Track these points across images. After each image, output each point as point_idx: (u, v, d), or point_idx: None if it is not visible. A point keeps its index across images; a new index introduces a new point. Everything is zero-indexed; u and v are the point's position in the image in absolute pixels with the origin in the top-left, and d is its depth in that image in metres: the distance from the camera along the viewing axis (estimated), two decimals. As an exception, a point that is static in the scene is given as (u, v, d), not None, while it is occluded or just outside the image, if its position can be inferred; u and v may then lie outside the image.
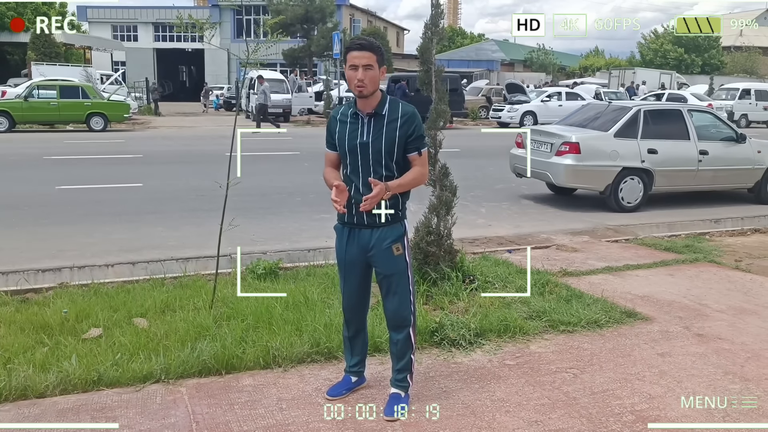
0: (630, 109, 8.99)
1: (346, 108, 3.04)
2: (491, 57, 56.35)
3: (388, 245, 3.00)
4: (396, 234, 3.02)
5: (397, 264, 3.03)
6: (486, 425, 3.02)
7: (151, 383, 3.37)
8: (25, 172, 11.42)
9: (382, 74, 2.93)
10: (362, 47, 2.87)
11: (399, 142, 2.94)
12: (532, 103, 25.80)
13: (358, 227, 3.03)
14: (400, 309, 3.07)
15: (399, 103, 2.99)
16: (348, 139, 2.97)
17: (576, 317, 4.29)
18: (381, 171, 2.95)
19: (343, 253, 3.09)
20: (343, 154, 3.01)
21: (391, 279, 3.04)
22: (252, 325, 3.97)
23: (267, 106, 21.86)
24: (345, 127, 3.00)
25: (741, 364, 3.74)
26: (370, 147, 2.93)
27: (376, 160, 2.94)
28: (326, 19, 38.57)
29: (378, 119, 2.94)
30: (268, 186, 9.96)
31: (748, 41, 55.42)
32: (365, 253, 3.03)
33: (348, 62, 2.88)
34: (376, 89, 2.92)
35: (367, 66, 2.85)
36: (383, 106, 2.95)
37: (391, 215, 3.00)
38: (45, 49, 32.41)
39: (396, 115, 2.95)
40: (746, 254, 6.45)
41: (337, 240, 3.12)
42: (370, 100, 2.93)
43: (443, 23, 4.87)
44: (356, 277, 3.12)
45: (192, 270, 5.38)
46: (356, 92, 2.89)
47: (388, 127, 2.93)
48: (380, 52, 2.91)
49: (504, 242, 6.75)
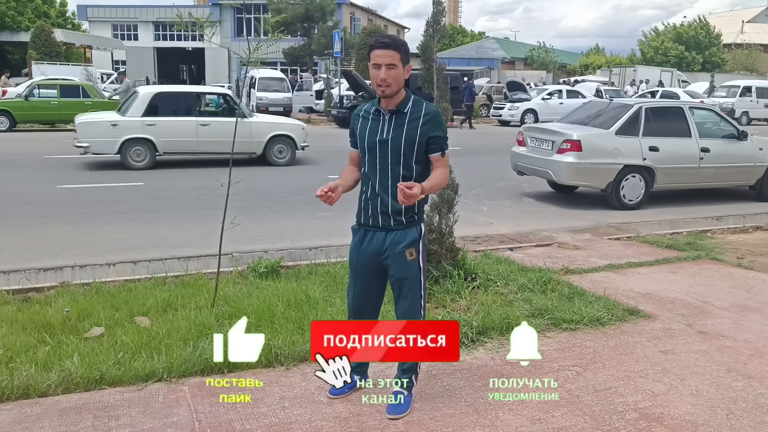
0: (631, 107, 8.98)
1: (370, 105, 3.01)
2: (492, 55, 56.26)
3: (402, 249, 2.96)
4: (411, 238, 2.98)
5: (410, 268, 2.99)
6: (489, 423, 3.01)
7: (153, 382, 3.36)
8: (26, 171, 11.42)
9: (407, 72, 2.88)
10: (386, 46, 2.82)
11: (420, 141, 2.90)
12: (533, 101, 25.79)
13: (374, 229, 3.00)
14: (410, 312, 3.04)
15: (423, 103, 2.95)
16: (368, 136, 2.94)
17: (578, 315, 4.29)
18: (399, 170, 2.91)
19: (356, 254, 3.07)
20: (362, 152, 2.99)
21: (403, 282, 3.02)
22: (254, 323, 3.96)
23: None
24: (366, 123, 2.97)
25: (744, 362, 3.74)
26: (390, 144, 2.90)
27: (395, 158, 2.91)
28: (326, 17, 38.56)
29: (399, 117, 2.91)
30: (270, 185, 9.97)
31: (748, 38, 55.40)
32: (379, 256, 3.01)
33: (371, 61, 2.84)
34: (399, 88, 2.87)
35: (390, 65, 2.81)
36: (406, 104, 2.92)
37: (406, 218, 2.97)
38: (45, 48, 32.42)
39: (419, 114, 2.91)
40: (748, 251, 6.44)
41: (353, 240, 3.10)
42: (394, 99, 2.89)
43: (444, 21, 4.87)
44: (367, 280, 3.08)
45: (194, 269, 5.38)
46: (379, 92, 2.86)
47: (410, 125, 2.89)
48: (404, 50, 2.85)
49: (505, 240, 6.75)
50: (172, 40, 50.52)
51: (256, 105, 25.48)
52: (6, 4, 39.17)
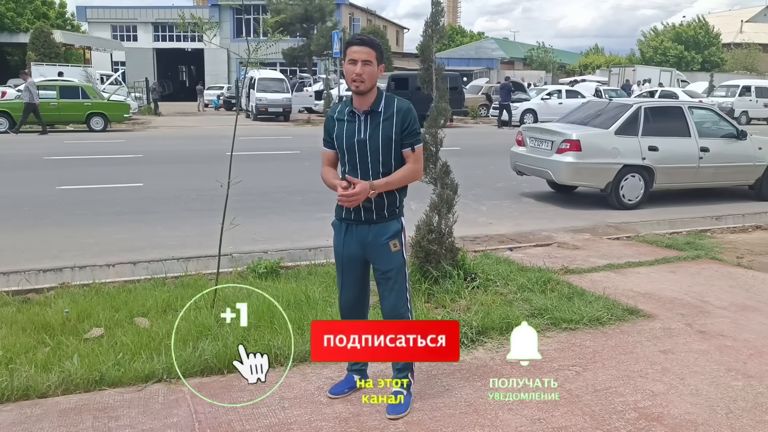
0: (630, 107, 8.98)
1: (343, 106, 3.05)
2: (491, 55, 56.29)
3: (386, 241, 3.01)
4: (393, 230, 3.03)
5: (395, 260, 3.04)
6: (489, 423, 3.01)
7: (153, 383, 3.36)
8: (25, 172, 11.42)
9: (380, 72, 2.93)
10: (363, 42, 2.89)
11: (396, 139, 2.95)
12: (533, 101, 25.78)
13: (356, 223, 3.03)
14: (397, 306, 3.07)
15: (394, 99, 3.00)
16: (346, 138, 2.97)
17: (578, 315, 4.29)
18: (379, 168, 2.96)
19: (341, 249, 3.10)
20: (341, 153, 3.03)
21: (389, 275, 3.04)
22: (254, 324, 3.96)
23: (34, 105, 18.73)
24: (342, 125, 3.00)
25: (744, 361, 3.74)
26: (368, 144, 2.94)
27: (374, 157, 2.95)
28: (326, 18, 38.59)
29: (374, 116, 2.95)
30: (269, 185, 9.96)
31: (748, 38, 55.42)
32: (363, 249, 3.04)
33: (347, 56, 2.89)
34: (373, 86, 2.93)
35: (366, 61, 2.86)
36: (379, 104, 2.96)
37: (388, 212, 3.01)
38: (45, 49, 32.41)
39: (391, 112, 2.95)
40: (748, 251, 6.44)
41: (335, 236, 3.13)
42: (367, 98, 2.93)
43: (443, 21, 4.87)
44: (354, 274, 3.12)
45: (193, 269, 5.38)
46: (353, 87, 2.90)
47: (384, 124, 2.94)
48: (380, 50, 2.92)
49: (505, 240, 6.75)
50: (171, 41, 50.52)
51: (256, 106, 25.53)
52: (5, 5, 39.16)
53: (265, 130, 20.81)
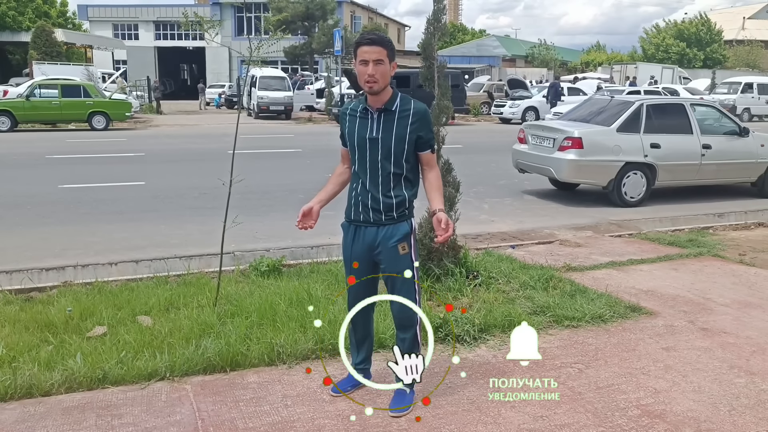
0: (632, 104, 8.97)
1: (357, 103, 3.01)
2: (492, 53, 56.21)
3: (394, 244, 2.97)
4: (402, 232, 2.99)
5: (403, 263, 2.99)
6: (491, 420, 3.01)
7: (156, 381, 3.37)
8: (27, 171, 11.44)
9: (392, 69, 2.88)
10: (372, 42, 2.83)
11: (409, 139, 2.92)
12: (534, 99, 25.75)
13: (365, 225, 3.01)
14: (405, 308, 3.05)
15: (410, 100, 2.96)
16: (357, 135, 2.95)
17: (580, 312, 4.29)
18: (389, 168, 2.92)
19: (349, 251, 3.08)
20: (351, 150, 3.00)
21: (396, 278, 3.02)
22: (256, 322, 3.97)
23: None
24: (354, 122, 2.97)
25: (746, 358, 3.73)
26: (380, 143, 2.91)
27: (385, 156, 2.92)
28: (327, 16, 38.58)
29: (388, 115, 2.91)
30: (271, 183, 9.97)
31: (749, 35, 55.28)
32: (371, 251, 3.02)
33: (358, 57, 2.84)
34: (386, 85, 2.88)
35: (377, 61, 2.81)
36: (394, 102, 2.92)
37: (398, 213, 2.98)
38: (46, 48, 32.41)
39: (408, 113, 2.91)
40: (750, 248, 6.43)
41: (344, 238, 3.11)
42: (381, 96, 2.89)
43: (445, 19, 4.86)
44: (362, 276, 3.08)
45: (195, 268, 5.38)
46: (366, 88, 2.86)
47: (399, 123, 2.90)
48: (391, 47, 2.87)
49: (507, 238, 6.74)
50: (173, 40, 50.53)
51: (257, 104, 25.54)
52: (7, 4, 39.15)
53: (266, 129, 20.82)
